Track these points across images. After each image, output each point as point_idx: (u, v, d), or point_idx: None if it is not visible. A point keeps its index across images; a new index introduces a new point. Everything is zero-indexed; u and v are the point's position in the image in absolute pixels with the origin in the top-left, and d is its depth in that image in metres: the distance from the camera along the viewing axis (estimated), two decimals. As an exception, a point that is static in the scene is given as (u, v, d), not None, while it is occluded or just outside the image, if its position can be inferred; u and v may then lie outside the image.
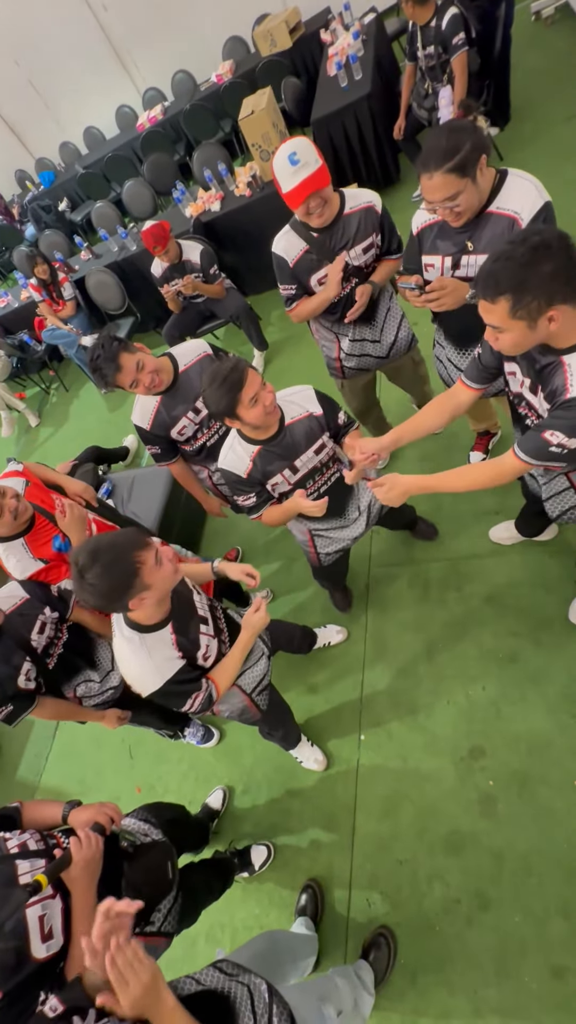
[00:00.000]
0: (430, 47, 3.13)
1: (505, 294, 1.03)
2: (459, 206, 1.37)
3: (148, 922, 1.31)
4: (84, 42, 6.62)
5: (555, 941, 1.54)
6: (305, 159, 1.58)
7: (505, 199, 1.40)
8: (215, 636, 1.47)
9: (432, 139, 1.35)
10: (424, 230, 1.58)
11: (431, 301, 1.51)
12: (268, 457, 1.56)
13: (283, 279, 1.91)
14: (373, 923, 1.76)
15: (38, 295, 4.45)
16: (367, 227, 1.78)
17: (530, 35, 4.25)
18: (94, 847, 1.12)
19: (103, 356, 1.74)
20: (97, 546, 1.15)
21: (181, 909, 1.45)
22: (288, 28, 4.93)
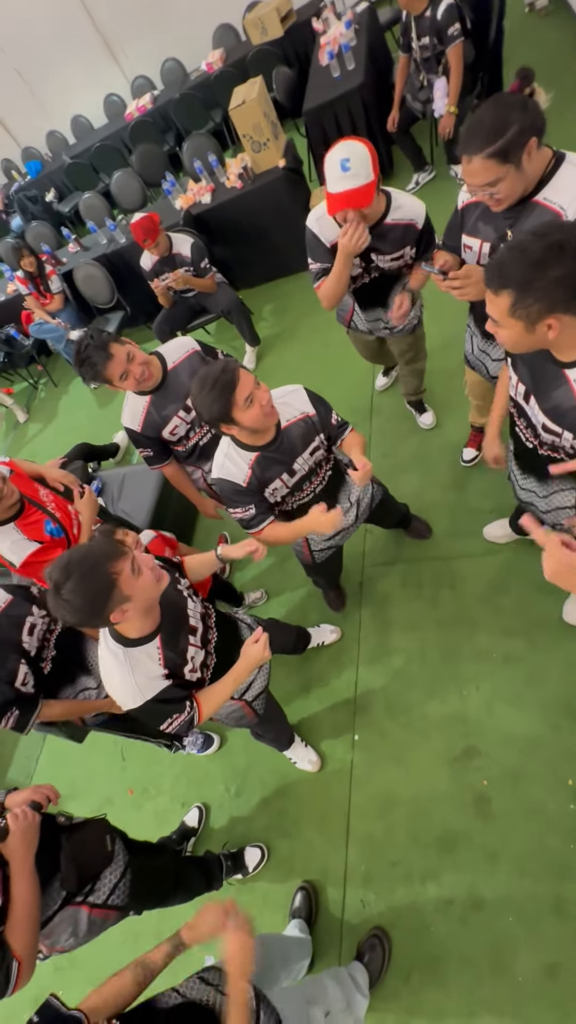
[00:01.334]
0: (425, 38, 3.08)
1: (508, 289, 0.98)
2: (499, 192, 1.25)
3: (92, 891, 1.40)
4: (71, 29, 6.46)
5: (548, 940, 1.55)
6: (356, 171, 1.49)
7: (554, 189, 1.27)
8: (202, 647, 1.42)
9: (478, 115, 1.22)
10: (469, 207, 1.47)
11: (455, 289, 1.42)
12: (267, 463, 1.50)
13: (315, 255, 1.80)
14: (367, 924, 1.76)
15: (25, 288, 4.36)
16: (403, 241, 1.73)
17: (524, 26, 4.21)
18: (30, 819, 1.24)
19: (93, 345, 1.69)
20: (69, 559, 1.11)
21: (131, 886, 1.49)
22: (279, 16, 4.85)
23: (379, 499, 1.97)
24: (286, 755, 2.08)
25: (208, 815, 2.22)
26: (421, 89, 3.36)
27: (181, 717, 1.30)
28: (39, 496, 1.96)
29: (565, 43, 3.87)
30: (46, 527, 1.88)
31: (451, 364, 2.05)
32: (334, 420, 1.61)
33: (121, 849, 1.53)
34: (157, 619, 1.29)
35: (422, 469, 2.60)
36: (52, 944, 1.35)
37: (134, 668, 1.24)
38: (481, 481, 2.42)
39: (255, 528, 1.59)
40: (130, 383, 1.78)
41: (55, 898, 1.33)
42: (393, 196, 1.69)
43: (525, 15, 4.29)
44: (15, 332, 4.93)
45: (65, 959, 2.16)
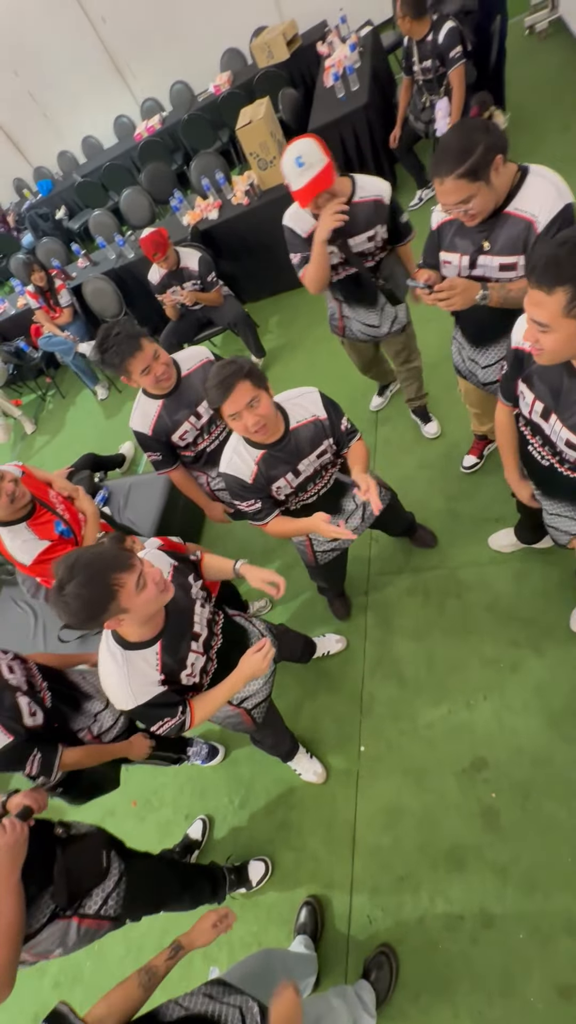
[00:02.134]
0: (427, 60, 3.16)
1: (565, 285, 0.92)
2: (473, 208, 1.34)
3: (81, 904, 1.37)
4: (83, 54, 6.67)
5: (561, 959, 1.51)
6: (310, 161, 1.60)
7: (523, 200, 1.36)
8: (203, 653, 1.41)
9: (444, 141, 1.31)
10: (444, 225, 1.55)
11: (440, 300, 1.48)
12: (272, 461, 1.52)
13: (294, 248, 1.93)
14: (374, 941, 1.72)
15: (35, 302, 4.44)
16: (373, 218, 1.81)
17: (524, 48, 4.31)
18: (18, 832, 1.21)
19: (124, 334, 1.69)
20: (77, 560, 1.10)
21: (126, 895, 1.46)
22: (285, 40, 4.98)
23: (386, 504, 1.97)
24: (290, 766, 2.06)
25: (212, 827, 2.18)
26: (423, 110, 3.43)
27: (172, 721, 1.31)
28: (49, 498, 1.99)
29: (565, 64, 3.96)
30: (56, 527, 1.91)
31: (452, 375, 2.07)
32: (344, 426, 1.61)
33: (116, 860, 1.50)
34: (160, 625, 1.28)
35: (427, 478, 2.61)
36: (38, 954, 1.32)
37: (130, 672, 1.24)
38: (485, 489, 2.42)
39: (262, 521, 1.63)
40: (149, 379, 1.80)
41: (44, 911, 1.30)
42: (356, 178, 1.80)
43: (525, 38, 4.40)
44: (24, 345, 5.01)
45: (67, 975, 2.12)
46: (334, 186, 1.70)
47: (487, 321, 1.62)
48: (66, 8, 6.29)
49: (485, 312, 1.51)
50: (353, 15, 5.02)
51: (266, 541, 2.86)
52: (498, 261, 1.45)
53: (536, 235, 1.36)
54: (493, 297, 1.45)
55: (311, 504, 1.67)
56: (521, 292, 1.43)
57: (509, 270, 1.45)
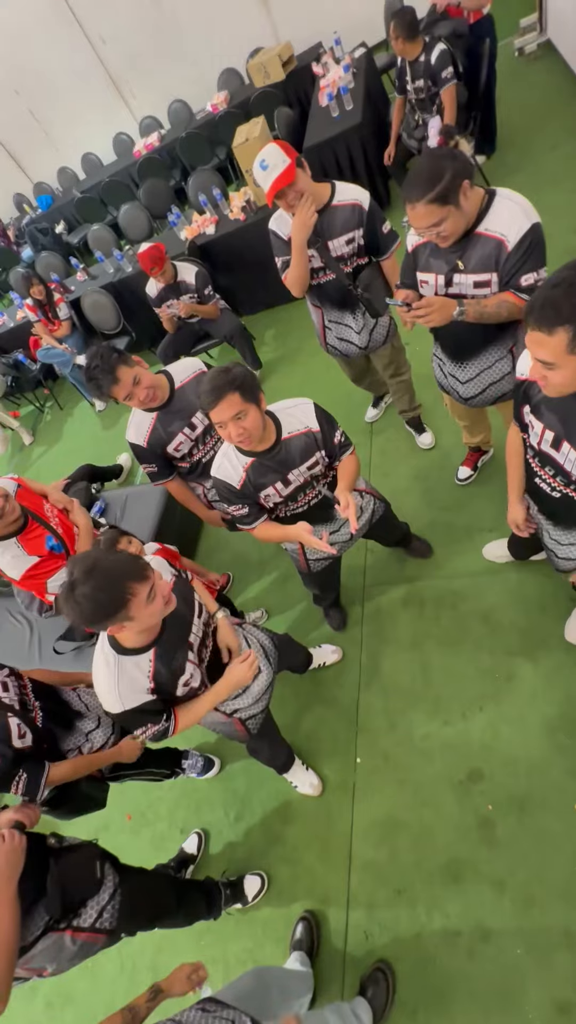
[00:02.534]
0: (419, 80, 3.24)
1: (565, 325, 0.94)
2: (444, 231, 1.41)
3: (76, 916, 1.37)
4: (83, 73, 6.80)
5: (559, 974, 1.50)
6: (272, 162, 1.70)
7: (492, 221, 1.43)
8: (198, 665, 1.41)
9: (414, 169, 1.39)
10: (419, 248, 1.61)
11: (419, 317, 1.53)
12: (261, 470, 1.54)
13: (279, 251, 1.99)
14: (371, 956, 1.70)
15: (34, 315, 4.48)
16: (351, 222, 1.85)
17: (514, 70, 4.42)
18: (16, 842, 1.22)
19: (100, 367, 1.73)
20: (95, 564, 1.12)
21: (121, 908, 1.45)
22: (281, 61, 5.09)
23: (380, 515, 1.99)
24: (286, 778, 2.05)
25: (207, 841, 2.16)
26: (416, 128, 3.51)
27: (155, 728, 1.34)
28: (43, 512, 2.00)
29: (553, 85, 4.06)
30: (47, 542, 1.91)
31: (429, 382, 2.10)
32: (337, 439, 1.62)
33: (111, 872, 1.49)
34: (155, 634, 1.29)
35: (421, 489, 2.63)
36: (32, 968, 1.31)
37: (120, 677, 1.26)
38: (480, 501, 2.44)
39: (249, 526, 1.65)
40: (134, 403, 1.84)
41: (38, 923, 1.30)
42: (336, 184, 1.86)
43: (515, 59, 4.51)
44: (23, 357, 5.04)
45: (59, 995, 2.08)
46: (303, 187, 1.75)
47: (465, 336, 1.68)
48: (67, 29, 6.43)
49: (463, 328, 1.57)
50: (347, 37, 5.13)
51: (262, 554, 2.86)
52: (472, 279, 1.52)
53: (507, 253, 1.43)
54: (469, 313, 1.51)
55: (301, 514, 1.68)
56: (495, 307, 1.50)
57: (483, 287, 1.52)
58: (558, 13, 3.95)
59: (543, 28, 4.33)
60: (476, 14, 3.37)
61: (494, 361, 1.73)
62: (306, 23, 5.81)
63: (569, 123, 3.72)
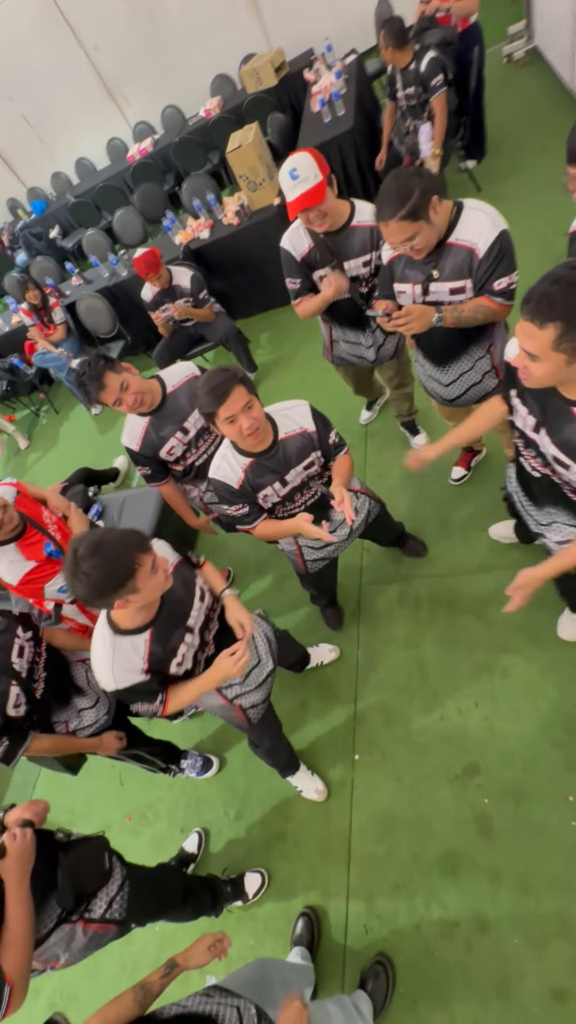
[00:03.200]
0: (410, 87, 3.29)
1: (556, 321, 0.97)
2: (417, 244, 1.47)
3: (88, 907, 1.39)
4: (76, 79, 6.84)
5: (555, 962, 1.52)
6: (304, 175, 1.66)
7: (462, 231, 1.50)
8: (199, 648, 1.45)
9: (383, 188, 1.44)
10: (394, 260, 1.67)
11: (400, 326, 1.59)
12: (259, 470, 1.58)
13: (290, 272, 1.99)
14: (371, 950, 1.72)
15: (29, 320, 4.50)
16: (369, 244, 1.86)
17: (503, 76, 4.49)
18: (27, 840, 1.24)
19: (88, 374, 1.76)
20: (101, 538, 1.16)
21: (130, 898, 1.47)
22: (273, 67, 5.15)
23: (375, 515, 2.02)
24: (291, 782, 2.06)
25: (207, 840, 2.18)
26: (407, 134, 3.56)
27: (148, 707, 1.38)
28: (42, 518, 2.01)
29: (541, 90, 4.13)
30: (45, 548, 1.93)
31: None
32: (331, 439, 1.66)
33: (119, 864, 1.52)
34: (152, 615, 1.32)
35: (415, 489, 2.66)
36: (46, 960, 1.33)
37: (115, 656, 1.29)
38: (473, 500, 2.48)
39: (248, 525, 1.69)
40: (123, 408, 1.85)
41: (51, 916, 1.32)
42: (356, 204, 1.86)
43: (504, 66, 4.58)
44: (18, 361, 5.05)
45: (62, 995, 2.10)
46: (329, 207, 1.75)
47: (444, 341, 1.74)
48: (60, 36, 6.47)
49: (441, 333, 1.63)
50: (338, 43, 5.21)
51: (259, 555, 2.89)
52: (448, 286, 1.57)
53: (479, 260, 1.49)
54: (448, 319, 1.57)
55: (298, 514, 1.70)
56: (472, 311, 1.56)
57: (459, 293, 1.58)
58: (545, 20, 4.02)
59: (531, 35, 4.40)
60: (464, 22, 3.43)
61: (474, 362, 1.79)
62: (297, 30, 5.88)
63: (557, 127, 3.77)
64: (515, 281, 1.53)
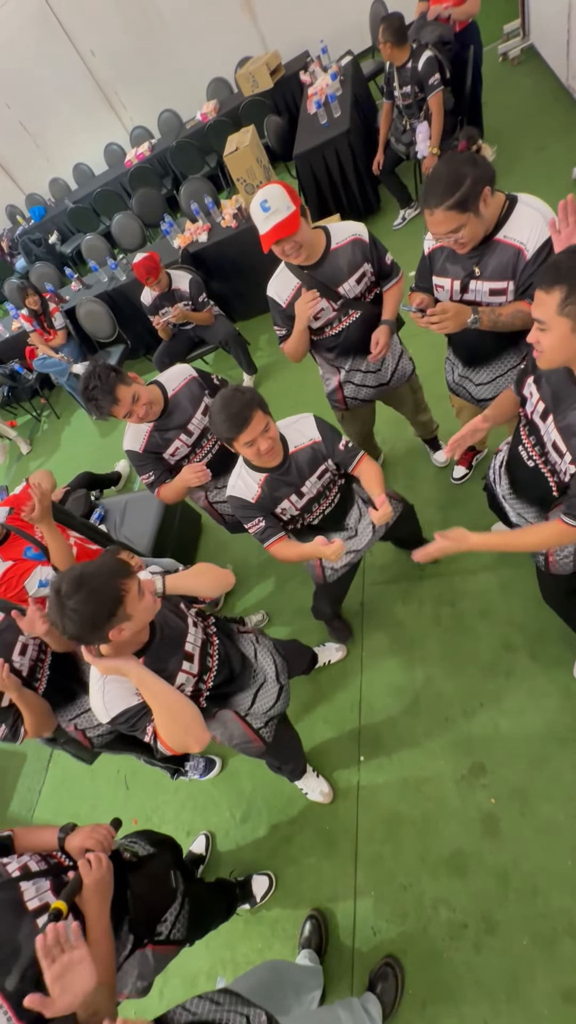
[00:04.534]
0: (407, 87, 3.29)
1: (560, 284, 0.99)
2: (463, 237, 1.39)
3: (155, 932, 1.31)
4: (73, 86, 6.87)
5: (564, 962, 1.51)
6: (276, 206, 1.58)
7: (512, 228, 1.41)
8: (197, 675, 1.40)
9: (434, 173, 1.36)
10: (435, 251, 1.58)
11: (433, 324, 1.52)
12: (275, 484, 1.58)
13: (276, 321, 1.92)
14: (379, 952, 1.71)
15: (29, 325, 4.52)
16: (357, 258, 1.77)
17: (499, 74, 4.49)
18: (104, 868, 1.13)
19: (100, 387, 1.72)
20: (82, 572, 1.13)
21: (189, 917, 1.43)
22: (269, 70, 5.16)
23: (399, 513, 1.95)
24: (297, 785, 2.06)
25: (214, 842, 2.18)
26: (404, 132, 3.56)
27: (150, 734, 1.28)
28: (34, 530, 1.98)
29: (538, 88, 4.12)
30: (25, 552, 1.92)
31: (442, 386, 2.12)
32: (342, 446, 1.63)
33: (180, 879, 1.46)
34: (143, 641, 1.29)
35: (418, 489, 2.66)
36: (119, 991, 1.24)
37: (106, 686, 1.25)
38: (476, 499, 2.47)
39: (266, 542, 1.65)
40: (133, 420, 1.85)
41: (124, 942, 1.24)
42: (330, 227, 1.77)
43: (500, 64, 4.58)
44: (19, 367, 5.07)
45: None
46: (304, 238, 1.66)
47: (478, 344, 1.67)
48: (56, 43, 6.50)
49: (476, 335, 1.56)
50: (333, 46, 5.21)
51: (261, 556, 2.89)
52: (488, 286, 1.50)
53: (525, 262, 1.41)
54: (483, 321, 1.49)
55: (316, 525, 1.69)
56: (510, 316, 1.47)
57: (499, 295, 1.50)
58: (540, 19, 4.02)
59: (526, 33, 4.40)
60: (462, 23, 3.43)
61: (508, 368, 1.72)
62: (293, 32, 5.90)
63: (554, 125, 3.78)
64: None
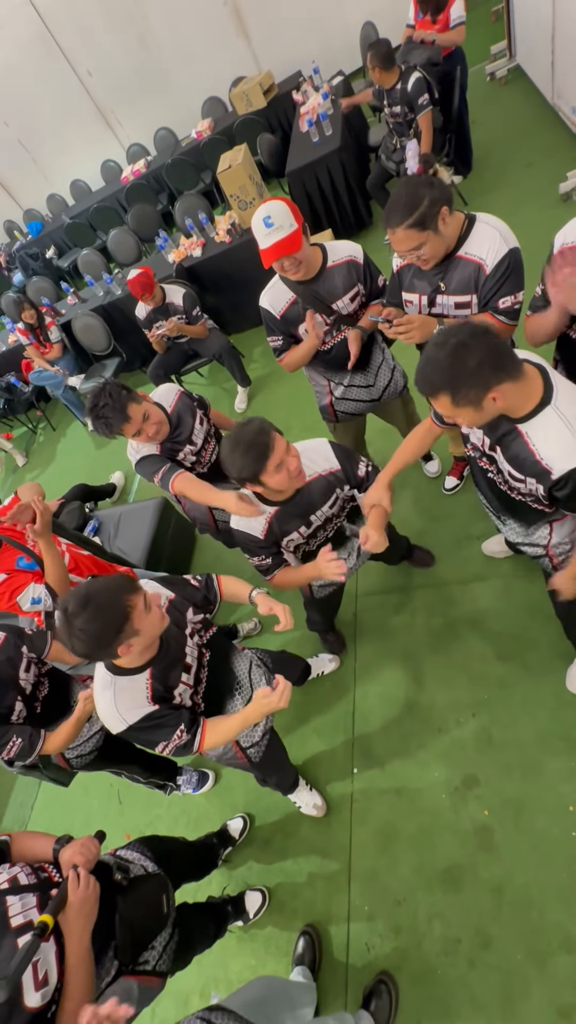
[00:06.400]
0: (396, 107, 3.37)
1: (442, 391, 1.08)
2: (424, 254, 1.47)
3: (142, 961, 1.26)
4: (71, 105, 6.98)
5: (559, 978, 1.50)
6: (279, 223, 1.60)
7: (472, 245, 1.48)
8: (192, 686, 1.41)
9: (393, 195, 1.44)
10: (403, 268, 1.66)
11: (401, 333, 1.59)
12: (284, 518, 1.54)
13: (270, 331, 1.94)
14: (373, 968, 1.69)
15: (25, 339, 4.55)
16: (351, 278, 1.80)
17: (487, 94, 4.59)
18: (90, 889, 1.10)
19: (111, 406, 1.69)
20: (88, 591, 1.14)
21: (176, 948, 1.39)
22: (262, 89, 5.26)
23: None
24: (290, 799, 2.04)
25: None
26: (395, 151, 3.64)
27: (172, 744, 1.30)
28: (25, 538, 1.98)
29: (525, 106, 4.22)
30: (17, 562, 1.91)
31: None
32: (362, 472, 1.62)
33: (173, 906, 1.41)
34: (152, 653, 1.31)
35: (410, 499, 2.67)
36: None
37: (117, 696, 1.26)
38: (466, 509, 2.49)
39: (269, 576, 1.66)
40: (142, 439, 1.84)
41: (108, 969, 1.19)
42: (327, 245, 1.80)
43: (487, 84, 4.68)
44: (15, 380, 5.10)
45: None
46: (303, 256, 1.68)
47: None
48: (54, 64, 6.62)
49: None
50: (325, 66, 5.33)
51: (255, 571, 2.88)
52: (454, 300, 1.58)
53: (485, 276, 1.48)
54: None
55: (315, 551, 1.66)
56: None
57: (464, 307, 1.58)
58: (525, 41, 4.13)
59: (512, 54, 4.51)
60: (446, 49, 3.53)
61: None
62: (285, 54, 6.03)
63: (541, 143, 3.86)
64: (520, 301, 1.52)
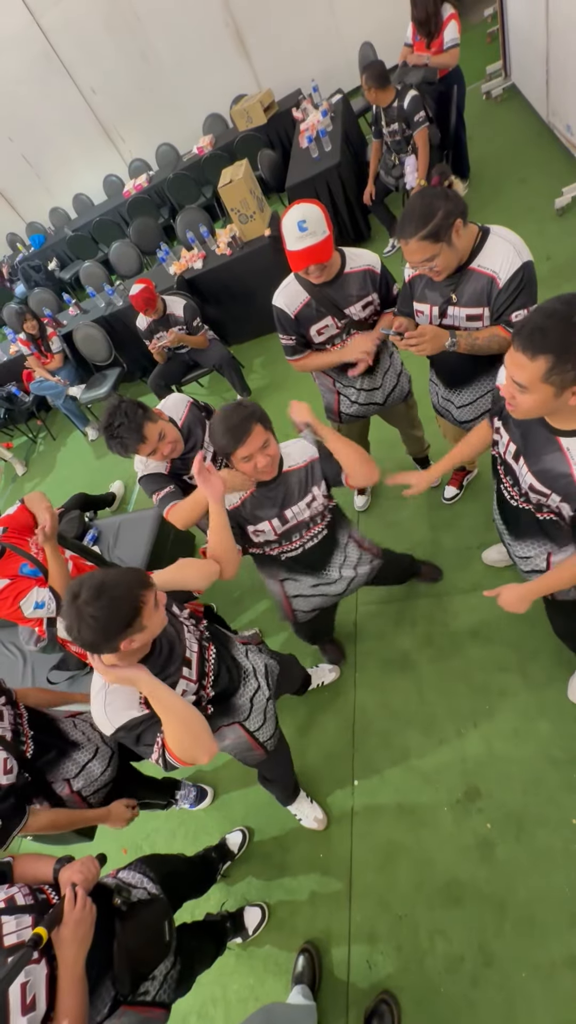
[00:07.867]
0: (394, 124, 3.43)
1: (548, 354, 0.97)
2: (437, 266, 1.46)
3: (141, 991, 1.21)
4: (74, 121, 7.11)
5: (564, 996, 1.47)
6: (313, 228, 1.62)
7: (485, 258, 1.47)
8: (196, 681, 1.41)
9: (408, 206, 1.43)
10: (415, 279, 1.66)
11: (412, 346, 1.58)
12: (260, 501, 1.55)
13: (284, 330, 1.93)
14: (375, 988, 1.66)
15: (27, 349, 4.58)
16: (367, 288, 1.82)
17: (483, 112, 4.68)
18: (87, 910, 1.08)
19: (126, 425, 1.68)
20: (104, 580, 1.12)
21: (178, 976, 1.34)
22: (263, 107, 5.37)
23: (378, 568, 1.92)
24: (290, 811, 2.02)
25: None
26: (393, 167, 3.70)
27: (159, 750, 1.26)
28: (28, 547, 1.99)
29: (520, 124, 4.30)
30: (21, 568, 1.91)
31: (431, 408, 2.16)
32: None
33: (174, 934, 1.36)
34: (145, 651, 1.29)
35: (410, 509, 2.68)
36: None
37: (108, 696, 1.25)
38: (466, 519, 2.49)
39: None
40: (157, 457, 1.82)
41: (105, 1000, 1.14)
42: (346, 251, 1.83)
43: (483, 102, 4.78)
44: (16, 390, 5.12)
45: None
46: (331, 262, 1.71)
47: (458, 365, 1.74)
48: (58, 81, 6.75)
49: (455, 357, 1.62)
50: (324, 84, 5.45)
51: (254, 580, 2.84)
52: (465, 312, 1.57)
53: (498, 289, 1.47)
54: (461, 344, 1.55)
55: (295, 557, 1.67)
56: (486, 340, 1.54)
57: (476, 320, 1.57)
58: (520, 60, 4.22)
59: (508, 74, 4.60)
60: (442, 71, 3.61)
61: (486, 391, 1.78)
62: (285, 72, 6.15)
63: (536, 158, 3.93)
64: None
